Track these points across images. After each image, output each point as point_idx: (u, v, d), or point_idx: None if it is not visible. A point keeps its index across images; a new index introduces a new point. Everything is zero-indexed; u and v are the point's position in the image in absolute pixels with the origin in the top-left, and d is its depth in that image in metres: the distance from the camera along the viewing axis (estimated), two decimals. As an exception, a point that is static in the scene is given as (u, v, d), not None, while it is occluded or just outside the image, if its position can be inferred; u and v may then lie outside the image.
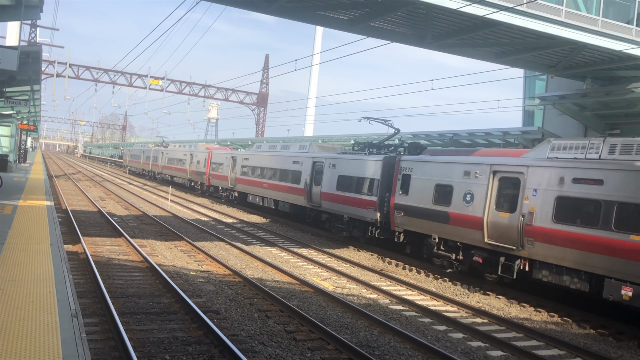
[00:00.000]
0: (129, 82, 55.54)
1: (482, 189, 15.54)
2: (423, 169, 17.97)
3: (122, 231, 20.34)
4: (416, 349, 10.11)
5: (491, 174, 15.39)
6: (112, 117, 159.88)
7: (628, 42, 15.80)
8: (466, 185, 16.09)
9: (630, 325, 12.64)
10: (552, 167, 13.75)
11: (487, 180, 15.47)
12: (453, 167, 16.75)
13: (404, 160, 19.02)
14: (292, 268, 17.12)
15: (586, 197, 12.77)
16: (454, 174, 16.61)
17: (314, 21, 17.50)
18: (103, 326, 9.80)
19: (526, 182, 14.30)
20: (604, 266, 12.21)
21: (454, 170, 16.64)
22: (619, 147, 12.71)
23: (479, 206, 15.50)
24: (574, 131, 21.95)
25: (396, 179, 19.05)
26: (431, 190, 17.35)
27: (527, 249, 14.04)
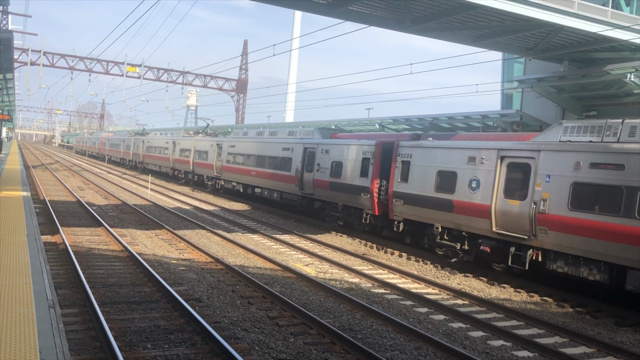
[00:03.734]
0: (106, 70, 54.65)
1: (489, 176, 14.85)
2: (424, 155, 17.28)
3: (101, 221, 20.12)
4: (398, 331, 10.20)
5: (499, 159, 14.71)
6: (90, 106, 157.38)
7: (604, 24, 15.92)
8: (471, 171, 15.39)
9: (607, 303, 12.88)
10: (567, 152, 13.05)
11: (494, 166, 14.79)
12: (456, 152, 16.04)
13: (402, 145, 18.23)
14: (275, 254, 17.12)
15: (606, 182, 12.08)
16: (458, 159, 15.90)
17: (292, 5, 17.33)
18: (83, 316, 9.71)
19: (538, 167, 13.67)
20: (626, 256, 11.49)
21: (458, 156, 15.93)
22: (639, 130, 11.97)
23: (486, 193, 14.84)
24: (552, 113, 22.15)
25: (394, 166, 18.36)
26: (433, 177, 16.68)
27: (540, 238, 13.45)
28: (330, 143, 22.85)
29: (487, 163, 15.02)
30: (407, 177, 17.80)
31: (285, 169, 25.65)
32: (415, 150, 17.67)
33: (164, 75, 57.77)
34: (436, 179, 16.60)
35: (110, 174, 50.54)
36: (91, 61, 53.72)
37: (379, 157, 19.70)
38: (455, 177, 15.89)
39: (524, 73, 24.41)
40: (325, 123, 35.54)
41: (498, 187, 14.60)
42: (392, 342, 9.59)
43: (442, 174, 16.41)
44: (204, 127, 43.86)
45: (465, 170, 15.61)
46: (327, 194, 22.52)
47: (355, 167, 20.75)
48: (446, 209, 16.10)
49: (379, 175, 19.59)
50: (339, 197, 21.69)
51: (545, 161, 13.47)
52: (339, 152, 21.92)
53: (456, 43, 18.88)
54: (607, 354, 9.86)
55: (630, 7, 19.18)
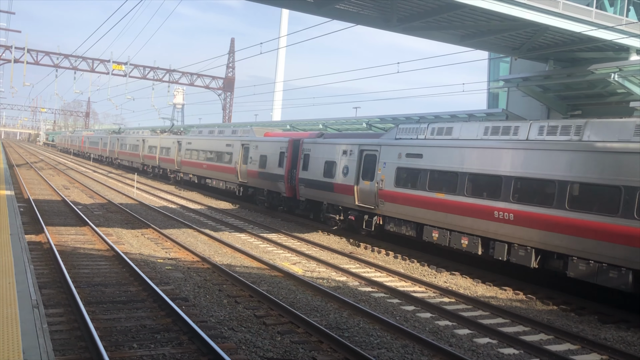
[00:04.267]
0: (91, 68, 54.18)
1: (354, 163, 19.84)
2: (317, 149, 22.25)
3: (87, 220, 19.96)
4: (385, 329, 10.23)
5: (359, 152, 19.56)
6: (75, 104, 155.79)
7: (588, 24, 16.07)
8: (345, 161, 20.41)
9: (591, 300, 13.02)
10: (395, 145, 18.01)
11: (357, 156, 19.73)
12: (336, 147, 21.09)
13: (305, 142, 23.25)
14: (262, 253, 17.09)
15: (414, 167, 16.93)
16: (337, 152, 20.92)
17: (280, 3, 17.30)
18: (68, 316, 9.63)
19: (379, 157, 18.48)
20: (423, 216, 16.56)
21: (337, 150, 20.95)
22: (436, 130, 16.83)
23: (352, 177, 19.77)
24: (537, 112, 22.31)
25: (300, 158, 23.27)
26: (322, 166, 21.69)
27: (380, 207, 18.13)
28: (259, 140, 27.73)
29: (353, 154, 20.00)
30: (307, 167, 22.76)
31: (228, 162, 30.50)
32: (313, 146, 22.72)
33: (150, 73, 57.39)
34: (324, 167, 21.60)
35: (96, 172, 50.12)
36: (76, 59, 53.23)
37: (290, 151, 24.64)
38: (335, 166, 20.91)
39: (510, 72, 24.58)
40: (314, 121, 35.59)
41: (359, 171, 19.61)
42: (379, 341, 9.62)
43: (328, 163, 21.43)
44: (170, 127, 49.48)
45: (341, 160, 20.65)
46: (256, 181, 27.49)
47: (274, 160, 25.65)
48: (329, 190, 21.26)
49: (290, 166, 24.52)
50: (265, 184, 26.68)
51: (383, 153, 18.42)
52: (265, 147, 26.78)
53: (443, 42, 18.96)
54: (591, 350, 9.96)
55: (614, 8, 19.36)
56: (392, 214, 17.81)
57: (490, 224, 14.27)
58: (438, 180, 16.06)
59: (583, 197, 12.34)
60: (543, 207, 13.03)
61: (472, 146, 15.20)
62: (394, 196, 17.58)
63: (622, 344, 10.43)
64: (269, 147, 26.38)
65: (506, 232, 13.90)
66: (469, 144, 15.31)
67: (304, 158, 22.89)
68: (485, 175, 14.63)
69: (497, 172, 14.26)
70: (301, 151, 23.24)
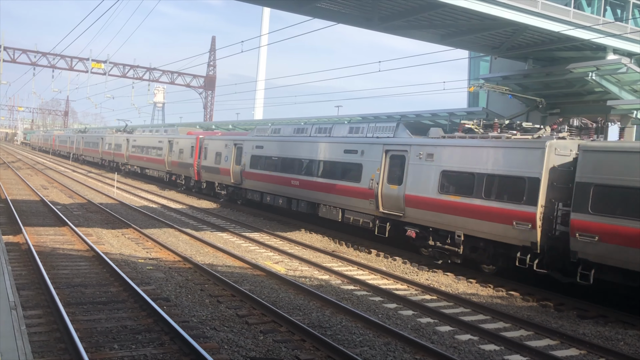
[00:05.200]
0: (70, 66, 53.46)
1: (231, 153, 27.72)
2: (211, 144, 30.36)
3: (66, 220, 19.70)
4: (367, 327, 10.27)
5: (234, 144, 27.60)
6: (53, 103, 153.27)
7: (566, 24, 16.28)
8: (226, 151, 28.21)
9: (570, 296, 13.21)
10: (251, 140, 26.20)
11: (232, 148, 27.63)
12: (222, 142, 29.25)
13: (205, 139, 31.41)
14: (244, 252, 17.03)
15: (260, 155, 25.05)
16: (222, 146, 28.92)
17: (261, 2, 17.25)
18: (47, 318, 9.50)
19: (243, 146, 26.65)
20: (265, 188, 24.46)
21: (222, 144, 29.03)
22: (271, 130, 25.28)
23: (229, 163, 27.79)
24: (517, 111, 22.55)
25: (202, 150, 31.29)
26: (214, 156, 29.64)
27: (244, 183, 26.30)
28: (180, 137, 35.57)
29: (230, 147, 28.00)
30: (206, 157, 30.78)
31: (159, 155, 38.62)
32: (209, 142, 30.81)
33: (130, 71, 56.80)
34: (215, 157, 29.37)
35: (75, 172, 49.50)
36: (54, 57, 52.49)
37: (197, 146, 32.16)
38: (221, 155, 28.68)
39: (490, 71, 24.81)
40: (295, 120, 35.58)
41: (233, 158, 27.52)
42: (362, 338, 9.65)
43: (217, 153, 29.23)
44: (124, 127, 55.20)
45: (224, 150, 28.54)
46: (177, 169, 35.64)
47: (188, 152, 33.56)
48: (217, 173, 29.29)
49: (198, 157, 32.05)
50: (182, 171, 34.82)
51: (245, 146, 26.40)
52: (183, 143, 34.60)
53: (424, 41, 19.09)
54: (570, 345, 10.11)
55: (592, 8, 19.64)
56: (251, 186, 26.08)
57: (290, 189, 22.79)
58: (272, 163, 24.02)
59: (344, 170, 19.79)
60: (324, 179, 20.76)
61: (289, 140, 23.32)
62: (251, 175, 25.74)
63: (600, 338, 10.60)
64: (185, 143, 34.17)
65: (317, 197, 21.02)
66: (288, 139, 23.54)
67: (204, 151, 30.99)
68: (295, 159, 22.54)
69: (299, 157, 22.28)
70: (203, 146, 31.27)
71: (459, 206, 14.78)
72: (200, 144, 31.61)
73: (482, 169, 14.35)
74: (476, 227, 14.37)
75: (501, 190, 13.87)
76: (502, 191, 13.85)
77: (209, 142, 30.63)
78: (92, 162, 59.57)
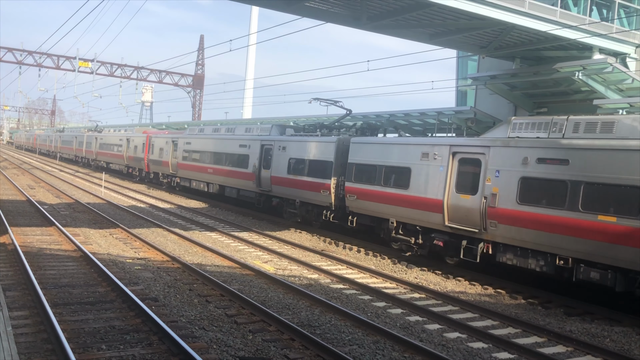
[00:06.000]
0: (57, 65, 52.95)
1: (170, 148, 33.86)
2: (156, 141, 36.52)
3: (53, 220, 19.54)
4: (356, 326, 10.28)
5: (172, 141, 33.69)
6: (40, 102, 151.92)
7: (553, 24, 16.38)
8: (166, 147, 34.79)
9: (557, 294, 13.32)
10: (183, 138, 32.34)
11: (171, 145, 33.75)
12: (163, 139, 35.26)
13: (152, 137, 37.45)
14: (233, 252, 16.99)
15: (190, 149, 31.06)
16: (163, 143, 35.06)
17: (249, 0, 17.19)
18: (34, 319, 9.42)
19: (177, 143, 32.71)
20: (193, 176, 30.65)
21: (163, 141, 35.10)
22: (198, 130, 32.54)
23: (168, 156, 33.97)
24: (505, 110, 22.65)
25: (150, 147, 37.56)
26: (158, 151, 35.99)
27: (179, 173, 32.56)
28: (135, 136, 41.62)
29: (168, 144, 33.94)
30: (152, 152, 36.68)
31: (120, 151, 44.02)
32: (155, 139, 36.85)
33: (117, 70, 56.40)
34: (159, 152, 35.77)
35: (63, 171, 49.10)
36: (41, 55, 51.99)
37: (147, 143, 38.11)
38: (163, 150, 34.89)
39: (478, 70, 24.89)
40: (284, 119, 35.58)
41: (171, 153, 33.69)
42: (351, 337, 9.67)
43: (161, 149, 35.51)
44: (95, 127, 63.45)
45: (165, 146, 34.74)
46: (133, 163, 41.61)
47: (140, 148, 39.49)
48: (160, 165, 35.63)
49: (147, 152, 37.99)
50: (136, 164, 40.97)
51: (179, 142, 31.97)
52: (137, 141, 40.52)
53: (412, 41, 19.12)
54: (557, 342, 10.19)
55: (578, 8, 19.78)
56: (183, 175, 31.57)
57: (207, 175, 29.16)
58: (196, 156, 30.13)
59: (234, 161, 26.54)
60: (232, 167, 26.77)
61: (206, 137, 29.92)
62: (183, 166, 31.53)
63: (587, 335, 10.70)
64: (139, 140, 40.04)
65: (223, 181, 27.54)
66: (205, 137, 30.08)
67: (152, 147, 37.20)
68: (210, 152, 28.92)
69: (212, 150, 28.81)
70: (151, 143, 37.42)
71: (297, 182, 21.60)
72: (149, 141, 37.80)
73: (308, 157, 21.20)
74: (305, 196, 21.27)
75: (316, 170, 20.56)
76: (316, 170, 20.53)
77: (155, 139, 36.87)
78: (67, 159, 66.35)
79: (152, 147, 37.04)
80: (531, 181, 12.91)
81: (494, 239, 13.77)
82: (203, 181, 29.37)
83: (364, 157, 18.12)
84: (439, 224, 15.14)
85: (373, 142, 18.18)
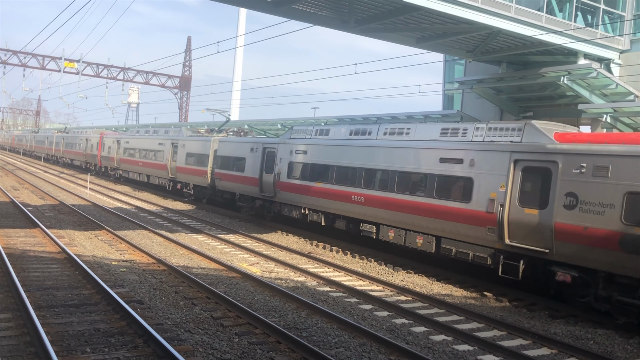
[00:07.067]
0: (42, 65, 52.48)
1: (115, 147, 40.96)
2: (106, 141, 43.23)
3: (37, 222, 19.34)
4: (343, 328, 10.29)
5: (117, 141, 40.62)
6: (25, 102, 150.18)
7: (539, 29, 16.55)
8: (114, 145, 41.41)
9: (541, 296, 13.43)
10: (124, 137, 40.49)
11: (116, 143, 40.93)
12: (112, 139, 41.67)
13: (104, 137, 44.36)
14: (219, 254, 16.93)
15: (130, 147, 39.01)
16: (112, 142, 41.92)
17: (237, 2, 17.18)
18: (17, 321, 9.32)
19: (120, 142, 40.10)
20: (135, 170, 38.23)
21: (112, 140, 41.96)
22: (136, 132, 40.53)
23: (114, 153, 40.87)
24: (491, 114, 22.83)
25: (103, 145, 43.49)
26: (107, 149, 42.75)
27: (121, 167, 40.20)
28: (92, 136, 48.07)
29: (115, 143, 41.31)
30: (104, 150, 43.63)
31: (80, 149, 51.40)
32: (105, 139, 42.96)
33: (103, 71, 55.99)
34: (108, 150, 42.35)
35: (47, 173, 48.62)
36: (25, 56, 51.47)
37: (100, 142, 44.56)
38: (111, 148, 41.12)
39: (465, 74, 25.05)
40: (272, 121, 35.57)
41: (116, 150, 40.08)
42: (337, 340, 9.67)
43: (109, 147, 42.08)
44: (63, 128, 71.25)
45: (112, 145, 41.30)
46: (90, 159, 48.25)
47: (95, 147, 45.95)
48: (109, 160, 42.14)
49: (100, 149, 44.97)
50: (93, 160, 47.21)
51: (122, 142, 40.10)
52: (93, 140, 47.06)
53: (399, 44, 19.19)
54: (541, 345, 10.27)
55: (563, 13, 19.99)
56: (124, 168, 39.27)
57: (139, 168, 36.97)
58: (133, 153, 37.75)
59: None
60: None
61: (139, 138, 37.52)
62: (124, 160, 39.05)
63: (571, 337, 10.80)
64: (95, 140, 46.69)
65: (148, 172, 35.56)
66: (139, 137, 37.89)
67: (103, 146, 44.02)
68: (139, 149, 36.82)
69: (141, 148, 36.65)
70: (103, 142, 44.23)
71: (190, 170, 30.19)
72: (102, 140, 45.01)
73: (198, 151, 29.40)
74: (194, 180, 29.67)
75: (199, 161, 29.08)
76: (200, 161, 29.05)
77: (105, 139, 44.10)
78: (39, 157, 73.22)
79: (104, 146, 44.38)
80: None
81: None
82: (137, 172, 37.76)
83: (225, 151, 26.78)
84: (256, 193, 23.75)
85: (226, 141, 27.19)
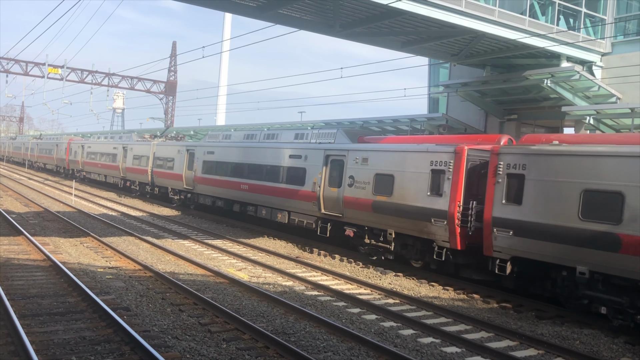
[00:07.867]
0: (25, 71, 51.82)
1: (80, 151, 45.43)
2: (74, 145, 47.52)
3: (21, 229, 19.10)
4: (331, 332, 10.28)
5: (82, 145, 45.49)
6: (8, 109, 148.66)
7: (522, 32, 16.74)
8: (79, 150, 45.48)
9: (528, 298, 13.52)
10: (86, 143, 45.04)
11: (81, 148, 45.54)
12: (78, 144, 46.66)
13: (72, 142, 48.83)
14: (206, 260, 16.84)
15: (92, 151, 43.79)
16: (77, 146, 46.31)
17: (222, 7, 17.18)
18: (1, 331, 9.18)
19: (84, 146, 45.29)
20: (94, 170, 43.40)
21: (77, 145, 46.50)
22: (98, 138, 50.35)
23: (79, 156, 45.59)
24: (476, 117, 23.02)
25: (70, 150, 48.50)
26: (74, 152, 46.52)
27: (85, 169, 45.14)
28: (61, 142, 52.08)
29: (80, 147, 45.89)
30: (71, 153, 47.73)
31: (51, 153, 55.51)
32: (72, 144, 48.45)
33: (88, 77, 55.43)
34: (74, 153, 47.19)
35: (31, 179, 48.11)
36: (8, 61, 50.85)
37: (68, 147, 48.75)
38: (77, 152, 46.50)
39: (449, 78, 25.24)
40: (259, 126, 35.54)
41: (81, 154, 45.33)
42: (326, 344, 9.66)
43: (75, 151, 46.65)
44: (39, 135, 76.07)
45: (78, 149, 46.36)
46: (59, 162, 51.29)
47: (63, 151, 49.79)
48: (76, 164, 46.77)
49: (68, 154, 48.72)
50: (61, 163, 51.48)
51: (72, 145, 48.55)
52: (62, 146, 50.44)
53: (385, 48, 19.32)
54: (528, 346, 10.34)
55: (546, 17, 20.23)
56: (87, 170, 43.74)
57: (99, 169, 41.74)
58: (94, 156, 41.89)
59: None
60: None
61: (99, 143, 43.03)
62: (87, 163, 43.45)
63: (558, 338, 10.88)
64: (64, 145, 50.62)
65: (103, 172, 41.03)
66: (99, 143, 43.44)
67: (70, 150, 47.61)
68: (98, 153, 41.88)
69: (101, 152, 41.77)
70: (71, 147, 48.18)
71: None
72: (70, 146, 49.24)
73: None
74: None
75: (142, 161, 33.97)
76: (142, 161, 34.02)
77: (72, 144, 48.48)
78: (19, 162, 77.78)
79: (71, 150, 48.39)
80: None
81: None
82: (97, 173, 42.46)
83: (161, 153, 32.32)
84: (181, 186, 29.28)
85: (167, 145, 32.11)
